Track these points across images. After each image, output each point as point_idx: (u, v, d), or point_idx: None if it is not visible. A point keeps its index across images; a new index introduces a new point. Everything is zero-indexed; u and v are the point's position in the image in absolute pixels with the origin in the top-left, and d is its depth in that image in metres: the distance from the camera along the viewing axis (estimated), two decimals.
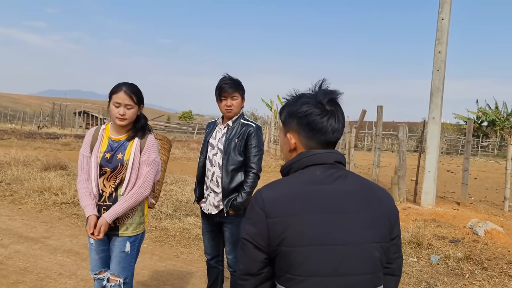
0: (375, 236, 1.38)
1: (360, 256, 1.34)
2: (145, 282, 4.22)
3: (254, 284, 1.41)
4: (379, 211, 1.41)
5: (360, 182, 1.45)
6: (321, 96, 1.45)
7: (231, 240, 3.27)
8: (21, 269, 4.36)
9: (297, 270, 1.32)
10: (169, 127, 41.12)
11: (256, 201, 1.40)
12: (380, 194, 1.45)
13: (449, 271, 4.94)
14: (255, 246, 1.37)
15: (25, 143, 18.58)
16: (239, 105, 3.25)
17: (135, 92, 2.62)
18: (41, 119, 41.63)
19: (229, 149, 3.19)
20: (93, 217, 2.59)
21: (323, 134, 1.43)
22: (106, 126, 2.75)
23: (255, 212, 1.39)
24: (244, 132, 3.20)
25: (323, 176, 1.40)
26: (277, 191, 1.40)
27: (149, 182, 2.65)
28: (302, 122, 1.44)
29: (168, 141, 3.13)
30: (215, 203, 3.26)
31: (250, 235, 1.38)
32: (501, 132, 39.50)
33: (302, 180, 1.40)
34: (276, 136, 21.76)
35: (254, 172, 3.19)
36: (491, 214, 8.49)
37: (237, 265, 1.46)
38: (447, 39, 8.39)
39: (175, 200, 7.72)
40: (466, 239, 6.04)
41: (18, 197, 7.53)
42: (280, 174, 1.52)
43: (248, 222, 1.41)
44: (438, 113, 8.45)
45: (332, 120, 1.43)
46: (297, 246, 1.32)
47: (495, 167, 22.56)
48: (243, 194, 3.15)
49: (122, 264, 2.68)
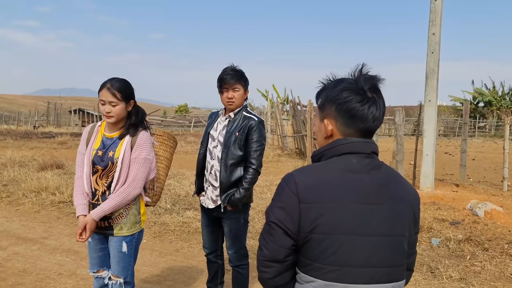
0: (405, 229, 1.36)
1: (391, 249, 1.32)
2: (145, 278, 4.20)
3: (278, 271, 1.38)
4: (408, 204, 1.39)
5: (393, 174, 1.43)
6: (363, 82, 1.39)
7: (230, 235, 3.21)
8: (20, 271, 4.33)
9: (328, 259, 1.28)
10: (165, 121, 41.01)
11: (288, 184, 1.35)
12: (409, 188, 1.43)
13: (450, 253, 4.93)
14: (284, 232, 1.33)
15: (21, 143, 18.48)
16: (241, 97, 3.13)
17: (119, 88, 2.54)
18: (37, 119, 41.42)
19: (229, 143, 3.08)
20: (82, 217, 2.54)
21: (363, 122, 1.38)
22: (102, 123, 2.71)
23: (286, 196, 1.34)
24: (245, 126, 3.09)
25: (359, 165, 1.36)
26: (312, 176, 1.35)
27: (139, 180, 2.58)
28: (341, 109, 1.38)
29: (170, 137, 3.03)
30: (213, 197, 3.19)
31: (280, 219, 1.34)
32: (497, 112, 39.53)
33: (338, 167, 1.36)
34: (272, 126, 21.67)
35: (254, 168, 3.08)
36: (490, 194, 8.49)
37: (259, 249, 1.41)
38: (441, 21, 8.32)
39: (173, 194, 7.69)
40: (466, 221, 6.04)
41: (15, 198, 7.48)
42: (311, 159, 1.47)
43: (277, 206, 1.36)
44: (434, 95, 8.40)
45: (374, 108, 1.38)
46: (330, 234, 1.28)
47: (492, 147, 22.60)
48: (241, 190, 3.06)
49: (122, 264, 2.65)
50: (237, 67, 3.18)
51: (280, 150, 16.90)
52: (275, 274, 1.38)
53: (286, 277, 1.39)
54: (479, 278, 4.25)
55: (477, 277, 4.27)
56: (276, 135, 20.37)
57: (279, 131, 19.31)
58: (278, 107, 20.43)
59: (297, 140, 16.13)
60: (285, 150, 17.18)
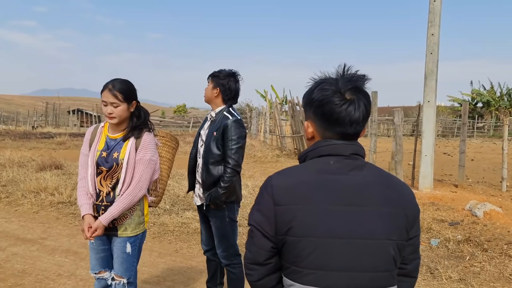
0: (391, 233, 1.28)
1: (373, 252, 1.25)
2: (145, 279, 4.19)
3: (261, 274, 1.36)
4: (397, 207, 1.30)
5: (379, 174, 1.35)
6: (342, 84, 1.32)
7: (217, 234, 3.26)
8: (19, 272, 4.32)
9: (304, 262, 1.25)
10: (164, 122, 40.98)
11: (265, 187, 1.35)
12: (401, 189, 1.35)
13: (450, 254, 4.94)
14: (262, 234, 1.32)
15: (19, 144, 18.43)
16: (209, 91, 3.27)
17: (121, 89, 2.54)
18: (35, 119, 41.36)
19: (208, 142, 3.17)
20: (88, 216, 2.55)
21: (340, 126, 1.32)
22: (105, 124, 2.71)
23: (263, 199, 1.34)
24: (222, 125, 3.15)
25: (336, 166, 1.31)
26: (287, 178, 1.33)
27: (145, 181, 2.60)
28: (318, 112, 1.34)
29: (173, 139, 3.06)
30: (200, 194, 3.30)
31: (257, 222, 1.34)
32: (496, 113, 39.59)
33: (314, 168, 1.32)
34: (271, 126, 21.67)
35: (230, 167, 3.10)
36: (489, 195, 8.50)
37: (245, 253, 1.41)
38: (440, 21, 8.33)
39: (172, 195, 7.68)
40: (465, 221, 6.04)
41: (14, 198, 7.46)
42: (298, 161, 1.46)
43: (256, 208, 1.36)
44: (433, 96, 8.42)
45: (351, 110, 1.30)
46: (304, 237, 1.25)
47: (491, 147, 22.64)
48: (219, 189, 3.10)
49: (125, 264, 2.66)
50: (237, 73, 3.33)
51: (279, 151, 16.90)
52: (259, 277, 1.36)
53: (272, 280, 1.37)
54: (478, 278, 4.26)
55: (477, 277, 4.28)
56: (275, 136, 20.37)
57: (277, 132, 19.31)
58: (277, 108, 20.43)
59: (295, 140, 16.13)
60: (284, 150, 17.18)
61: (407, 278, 1.41)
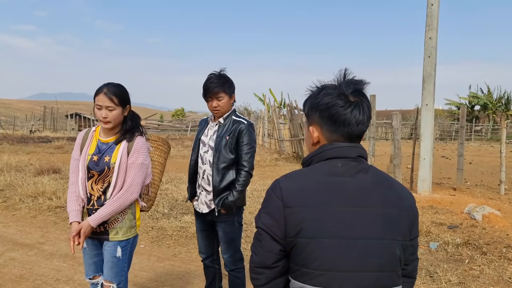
0: (396, 233, 1.33)
1: (380, 253, 1.29)
2: (143, 284, 4.17)
3: (268, 278, 1.37)
4: (400, 208, 1.36)
5: (382, 177, 1.41)
6: (345, 87, 1.39)
7: (225, 239, 3.22)
8: (17, 277, 4.29)
9: (314, 264, 1.27)
10: (162, 126, 40.95)
11: (274, 190, 1.36)
12: (402, 192, 1.41)
13: (449, 257, 4.93)
14: (271, 237, 1.33)
15: (17, 148, 18.40)
16: (226, 104, 3.15)
17: (116, 93, 2.53)
18: (33, 123, 41.27)
19: (220, 147, 3.12)
20: (75, 223, 2.52)
21: (347, 127, 1.38)
22: (96, 128, 2.69)
23: (272, 201, 1.35)
24: (235, 129, 3.13)
25: (344, 168, 1.35)
26: (296, 181, 1.36)
27: (137, 186, 2.57)
28: (324, 115, 1.39)
29: (165, 143, 3.05)
30: (206, 201, 3.21)
31: (266, 225, 1.34)
32: (493, 116, 39.71)
33: (322, 171, 1.36)
34: (270, 130, 21.67)
35: (246, 170, 3.12)
36: (488, 198, 8.51)
37: (251, 257, 1.42)
38: (437, 25, 8.36)
39: (171, 199, 7.66)
40: (464, 225, 6.04)
41: (12, 203, 7.44)
42: (301, 165, 1.48)
43: (264, 211, 1.37)
44: (431, 99, 8.43)
45: (356, 112, 1.37)
46: (314, 238, 1.27)
47: (489, 150, 22.68)
48: (234, 192, 3.09)
49: (115, 269, 2.62)
50: (223, 71, 3.19)
51: (278, 154, 16.89)
52: (266, 280, 1.37)
53: (279, 284, 1.38)
54: (477, 282, 4.25)
55: (476, 281, 4.27)
56: (273, 139, 20.37)
57: (276, 135, 19.31)
58: (275, 111, 20.45)
59: (294, 144, 16.14)
60: (283, 154, 17.18)
61: (408, 278, 1.45)
